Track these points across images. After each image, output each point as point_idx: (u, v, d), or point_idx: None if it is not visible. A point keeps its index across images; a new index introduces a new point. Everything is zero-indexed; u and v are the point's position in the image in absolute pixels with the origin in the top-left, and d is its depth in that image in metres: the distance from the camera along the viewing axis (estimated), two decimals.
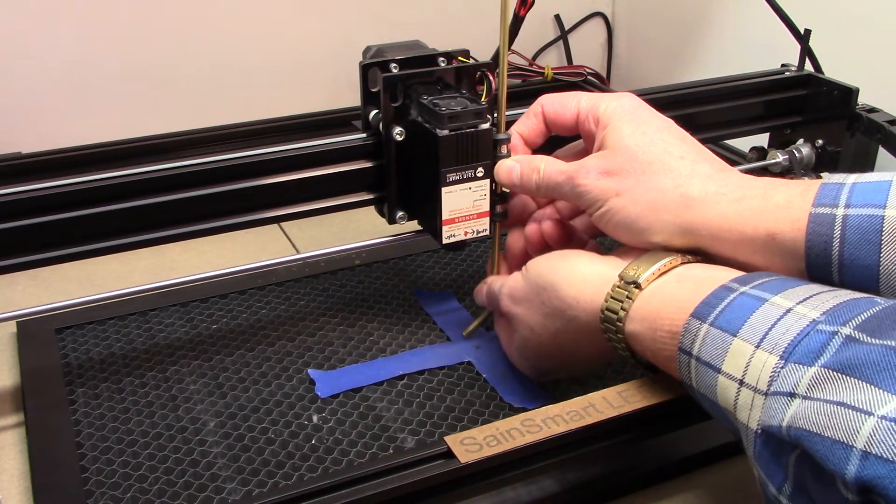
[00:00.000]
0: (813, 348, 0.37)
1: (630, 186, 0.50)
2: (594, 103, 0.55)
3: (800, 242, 0.46)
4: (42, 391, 0.60)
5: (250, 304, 0.70)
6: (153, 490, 0.51)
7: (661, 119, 0.53)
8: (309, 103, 0.82)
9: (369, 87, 0.60)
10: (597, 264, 0.52)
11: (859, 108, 0.77)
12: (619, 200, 0.51)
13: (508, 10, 0.55)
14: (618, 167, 0.51)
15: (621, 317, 0.48)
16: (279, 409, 0.58)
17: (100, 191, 0.56)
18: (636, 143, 0.51)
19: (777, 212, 0.47)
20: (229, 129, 0.77)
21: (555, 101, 0.57)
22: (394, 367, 0.61)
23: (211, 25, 0.93)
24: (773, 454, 0.37)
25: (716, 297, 0.43)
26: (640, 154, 0.51)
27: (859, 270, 0.44)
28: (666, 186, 0.50)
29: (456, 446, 0.47)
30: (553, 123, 0.57)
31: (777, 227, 0.46)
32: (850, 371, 0.34)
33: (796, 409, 0.35)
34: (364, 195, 0.63)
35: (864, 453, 0.31)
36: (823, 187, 0.46)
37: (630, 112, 0.53)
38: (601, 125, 0.54)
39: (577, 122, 0.56)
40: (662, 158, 0.50)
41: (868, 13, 0.85)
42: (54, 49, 0.87)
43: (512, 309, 0.55)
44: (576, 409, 0.50)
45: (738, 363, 0.40)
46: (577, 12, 1.14)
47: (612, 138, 0.52)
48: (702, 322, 0.42)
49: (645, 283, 0.48)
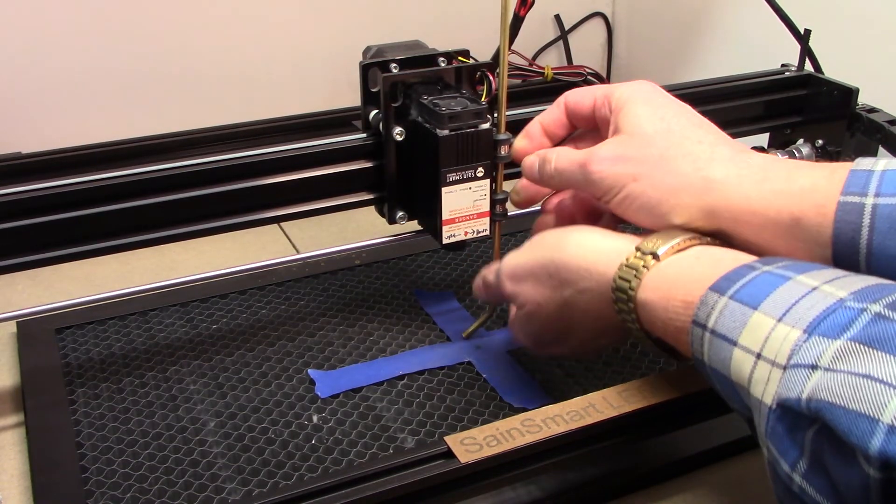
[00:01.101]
0: (840, 322, 0.35)
1: (648, 171, 0.49)
2: (609, 90, 0.54)
3: (824, 228, 0.44)
4: (42, 391, 0.60)
5: (250, 304, 0.70)
6: (153, 490, 0.51)
7: (678, 104, 0.52)
8: (309, 103, 0.82)
9: (369, 87, 0.60)
10: (610, 238, 0.51)
11: (859, 108, 0.77)
12: (637, 185, 0.49)
13: (509, 10, 0.54)
14: (634, 152, 0.50)
15: (634, 285, 0.46)
16: (279, 409, 0.58)
17: (100, 191, 0.56)
18: (654, 128, 0.50)
19: (802, 195, 0.46)
20: (229, 129, 0.77)
21: (577, 92, 0.56)
22: (394, 367, 0.61)
23: (211, 26, 0.93)
24: (789, 429, 0.36)
25: (737, 273, 0.42)
26: (657, 139, 0.50)
27: (887, 261, 0.43)
28: (686, 170, 0.49)
29: (456, 446, 0.47)
30: (573, 114, 0.56)
31: (801, 210, 0.45)
32: (879, 345, 0.33)
33: (818, 380, 0.34)
34: (364, 195, 0.63)
35: (891, 427, 0.30)
36: (853, 174, 0.45)
37: (646, 96, 0.52)
38: (615, 110, 0.52)
39: (593, 111, 0.55)
40: (681, 143, 0.49)
41: (868, 13, 0.85)
42: (54, 49, 0.87)
43: (515, 288, 0.54)
44: (576, 409, 0.50)
45: (756, 336, 0.38)
46: (577, 12, 1.14)
47: (628, 122, 0.51)
48: (720, 295, 0.41)
49: (663, 256, 0.47)
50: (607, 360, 0.62)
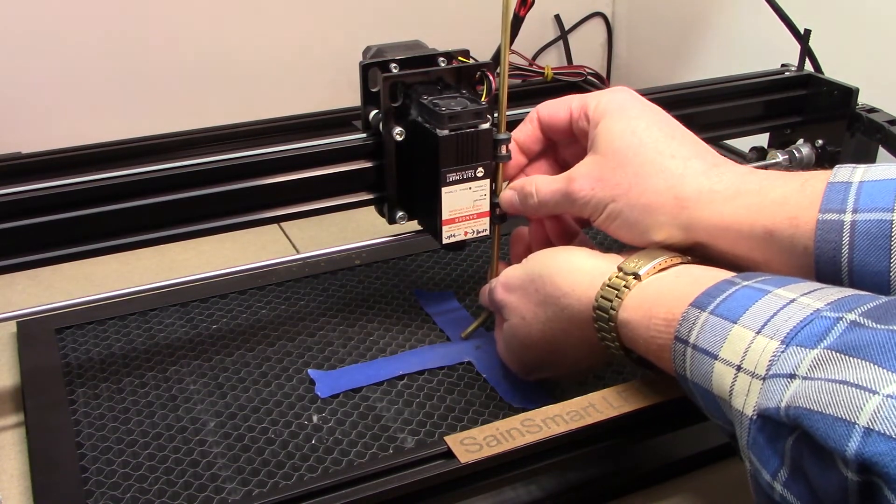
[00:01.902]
0: (816, 332, 0.36)
1: (624, 191, 0.50)
2: (585, 101, 0.54)
3: (797, 238, 0.45)
4: (42, 391, 0.60)
5: (250, 304, 0.70)
6: (153, 490, 0.51)
7: (653, 113, 0.53)
8: (309, 103, 0.82)
9: (369, 87, 0.60)
10: (594, 258, 0.52)
11: (859, 108, 0.77)
12: (615, 206, 0.51)
13: (509, 9, 0.54)
14: (609, 173, 0.51)
15: (615, 304, 0.47)
16: (279, 409, 0.58)
17: (100, 191, 0.56)
18: (626, 145, 0.51)
19: (774, 208, 0.46)
20: (229, 129, 0.77)
21: (549, 105, 0.57)
22: (394, 367, 0.61)
23: (211, 25, 0.93)
24: (769, 439, 0.36)
25: (717, 289, 0.42)
26: (630, 156, 0.50)
27: (870, 276, 0.43)
28: (660, 188, 0.50)
29: (456, 446, 0.47)
30: (548, 128, 0.57)
31: (774, 223, 0.46)
32: (855, 352, 0.33)
33: (796, 389, 0.34)
34: (364, 195, 0.63)
35: (867, 430, 0.31)
36: (830, 188, 0.45)
37: (619, 108, 0.52)
38: (592, 123, 0.53)
39: (570, 124, 0.56)
40: (654, 159, 0.50)
41: (868, 13, 0.85)
42: (54, 49, 0.87)
43: (505, 297, 0.55)
44: (576, 409, 0.50)
45: (736, 349, 0.39)
46: (577, 12, 1.14)
47: (602, 140, 0.52)
48: (701, 311, 0.42)
49: (644, 276, 0.48)
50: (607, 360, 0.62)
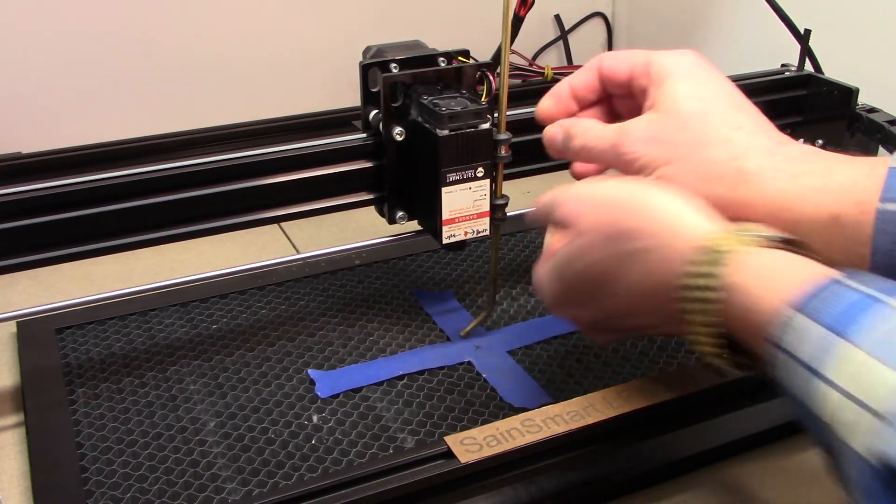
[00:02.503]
0: None
1: (682, 156, 0.46)
2: (649, 59, 0.50)
3: (864, 226, 0.42)
4: (42, 391, 0.60)
5: (250, 304, 0.70)
6: (153, 490, 0.51)
7: (721, 82, 0.49)
8: (309, 103, 0.82)
9: (369, 87, 0.60)
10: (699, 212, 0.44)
11: (859, 108, 0.77)
12: (669, 169, 0.46)
13: (510, 9, 0.54)
14: (669, 134, 0.47)
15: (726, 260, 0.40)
16: (279, 409, 0.58)
17: (100, 191, 0.56)
18: (690, 110, 0.47)
19: (841, 192, 0.43)
20: (229, 129, 0.77)
21: (611, 56, 0.53)
22: (394, 367, 0.61)
23: (211, 25, 0.93)
24: (886, 485, 0.31)
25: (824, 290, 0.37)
26: (694, 122, 0.47)
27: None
28: (721, 158, 0.46)
29: (456, 446, 0.47)
30: (607, 79, 0.53)
31: (841, 208, 0.43)
32: None
33: None
34: (364, 195, 0.63)
35: None
36: (891, 177, 0.42)
37: (687, 71, 0.48)
38: (655, 81, 0.49)
39: (630, 79, 0.51)
40: (719, 128, 0.46)
41: (868, 13, 0.85)
42: (54, 49, 0.87)
43: (574, 210, 0.47)
44: (576, 409, 0.50)
45: (844, 370, 0.33)
46: (577, 12, 1.14)
47: (665, 100, 0.48)
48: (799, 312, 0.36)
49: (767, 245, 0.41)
50: (607, 360, 0.62)
